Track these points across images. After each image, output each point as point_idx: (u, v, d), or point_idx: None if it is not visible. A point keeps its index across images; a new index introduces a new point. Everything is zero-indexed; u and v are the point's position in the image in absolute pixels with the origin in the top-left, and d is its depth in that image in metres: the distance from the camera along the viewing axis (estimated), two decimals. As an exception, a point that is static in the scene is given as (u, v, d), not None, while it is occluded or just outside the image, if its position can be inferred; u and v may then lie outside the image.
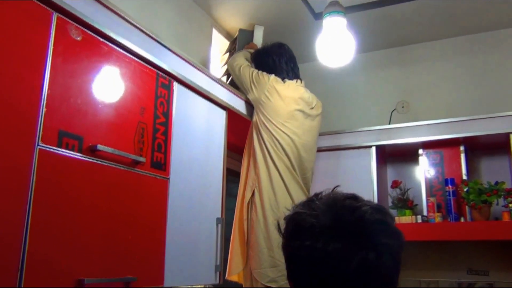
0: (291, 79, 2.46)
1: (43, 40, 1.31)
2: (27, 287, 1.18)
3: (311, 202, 0.91)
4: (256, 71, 2.44)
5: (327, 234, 0.83)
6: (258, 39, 2.92)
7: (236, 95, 2.34)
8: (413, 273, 2.92)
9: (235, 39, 2.92)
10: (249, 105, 2.44)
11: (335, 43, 2.58)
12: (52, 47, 1.33)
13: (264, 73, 2.41)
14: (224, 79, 2.99)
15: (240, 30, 2.93)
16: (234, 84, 2.59)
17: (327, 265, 0.82)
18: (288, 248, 0.90)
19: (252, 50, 2.67)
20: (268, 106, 2.31)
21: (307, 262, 0.85)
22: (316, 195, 0.94)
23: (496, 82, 3.01)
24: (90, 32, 1.48)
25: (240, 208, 2.29)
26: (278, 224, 1.00)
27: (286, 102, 2.34)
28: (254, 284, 2.12)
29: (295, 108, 2.36)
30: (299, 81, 2.49)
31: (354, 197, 0.90)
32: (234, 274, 2.20)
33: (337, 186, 1.01)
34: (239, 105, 2.35)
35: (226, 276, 2.18)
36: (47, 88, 1.30)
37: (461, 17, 2.95)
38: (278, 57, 2.48)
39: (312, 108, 2.47)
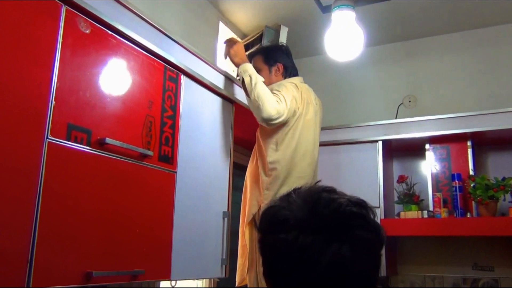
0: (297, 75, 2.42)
1: (52, 33, 1.31)
2: (36, 280, 1.19)
3: (288, 196, 0.87)
4: (287, 97, 2.14)
5: (300, 227, 0.80)
6: (283, 40, 2.93)
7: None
8: (418, 268, 2.93)
9: (261, 35, 2.93)
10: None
11: (344, 37, 2.56)
12: (61, 40, 1.33)
13: (290, 89, 2.19)
14: (234, 72, 2.99)
15: (266, 28, 2.95)
16: None
17: (300, 260, 0.78)
18: (263, 242, 0.87)
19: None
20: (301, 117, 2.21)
21: (281, 257, 0.81)
22: (295, 189, 0.89)
23: (504, 77, 2.99)
24: (98, 25, 1.48)
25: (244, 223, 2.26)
26: (254, 219, 0.94)
27: (308, 107, 2.25)
28: (260, 285, 2.10)
29: (313, 110, 2.29)
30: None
31: (331, 190, 0.86)
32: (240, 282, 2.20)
33: (319, 181, 0.98)
34: (246, 98, 2.33)
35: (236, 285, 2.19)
36: (56, 81, 1.30)
37: (469, 10, 2.92)
38: (289, 53, 2.46)
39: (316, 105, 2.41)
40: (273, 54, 2.40)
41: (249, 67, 2.15)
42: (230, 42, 2.25)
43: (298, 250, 0.78)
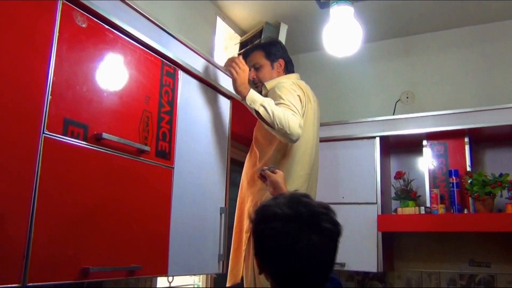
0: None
1: (48, 27, 1.30)
2: (32, 276, 1.18)
3: (276, 198, 1.24)
4: (292, 98, 2.09)
5: (285, 220, 1.13)
6: (282, 37, 2.92)
7: (241, 84, 2.31)
8: (415, 264, 2.93)
9: (260, 31, 2.92)
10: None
11: (342, 32, 2.55)
12: (57, 34, 1.31)
13: (291, 90, 2.14)
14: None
15: (266, 24, 2.94)
16: None
17: (283, 242, 1.12)
18: (257, 230, 1.20)
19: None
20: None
21: (270, 239, 1.15)
22: (281, 194, 1.28)
23: (502, 74, 2.99)
24: (95, 19, 1.46)
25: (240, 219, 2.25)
26: (249, 214, 1.31)
27: (308, 105, 2.21)
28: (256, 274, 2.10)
29: (312, 108, 2.25)
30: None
31: (307, 196, 1.22)
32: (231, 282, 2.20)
33: (296, 190, 1.40)
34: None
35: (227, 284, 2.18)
36: (52, 75, 1.29)
37: (467, 7, 2.92)
38: (286, 50, 2.44)
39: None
40: (275, 50, 2.38)
41: (256, 96, 2.01)
42: (234, 64, 2.06)
43: (281, 235, 1.12)
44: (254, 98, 2.00)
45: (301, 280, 1.13)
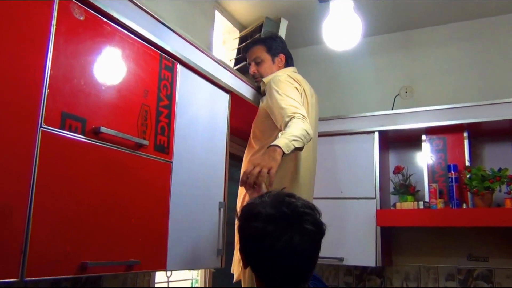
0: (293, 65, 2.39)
1: (45, 20, 1.28)
2: (30, 270, 1.18)
3: (261, 197, 1.24)
4: (289, 93, 2.08)
5: (267, 219, 1.14)
6: (282, 33, 2.91)
7: (240, 79, 2.30)
8: (413, 259, 2.94)
9: (261, 26, 2.91)
10: (253, 89, 2.41)
11: (342, 26, 2.54)
12: (54, 27, 1.30)
13: (287, 82, 2.13)
14: (232, 62, 2.97)
15: (267, 19, 2.93)
16: (242, 69, 2.56)
17: (264, 241, 1.13)
18: (241, 227, 1.24)
19: None
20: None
21: (252, 238, 1.18)
22: (266, 193, 1.28)
23: (501, 68, 2.98)
24: (93, 12, 1.45)
25: None
26: (236, 212, 1.31)
27: (305, 99, 2.20)
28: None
29: (309, 103, 2.24)
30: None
31: (292, 196, 1.22)
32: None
33: (284, 188, 1.38)
34: (242, 88, 2.31)
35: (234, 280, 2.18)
36: (49, 68, 1.27)
37: (466, 1, 2.90)
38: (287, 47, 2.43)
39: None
40: (276, 45, 2.37)
41: (282, 141, 1.77)
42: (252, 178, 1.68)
43: (262, 234, 1.14)
44: (283, 144, 1.76)
45: (281, 279, 1.15)
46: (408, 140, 3.01)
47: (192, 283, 2.73)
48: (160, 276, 2.31)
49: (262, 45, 2.36)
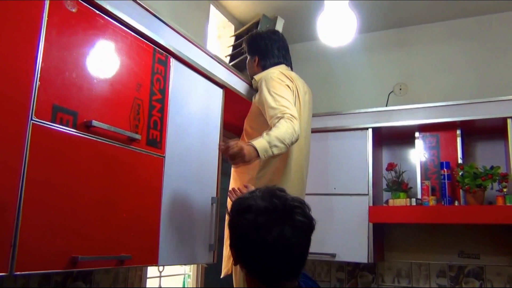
0: (286, 64, 2.35)
1: (37, 11, 1.27)
2: (19, 264, 1.17)
3: (253, 192, 1.24)
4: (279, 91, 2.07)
5: (259, 212, 1.14)
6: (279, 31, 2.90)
7: (234, 74, 2.30)
8: (405, 255, 2.95)
9: (257, 23, 2.90)
10: (247, 84, 2.41)
11: (337, 22, 2.53)
12: (46, 19, 1.28)
13: (279, 80, 2.12)
14: (227, 59, 2.96)
15: (264, 16, 2.92)
16: (237, 66, 2.56)
17: (255, 233, 1.13)
18: (232, 221, 1.23)
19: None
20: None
21: (243, 231, 1.17)
22: (257, 188, 1.27)
23: (495, 66, 2.99)
24: (85, 4, 1.43)
25: None
26: (227, 207, 1.34)
27: (297, 99, 2.21)
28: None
29: (302, 101, 2.24)
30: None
31: (282, 190, 1.23)
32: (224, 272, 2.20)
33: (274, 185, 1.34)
34: (236, 83, 2.31)
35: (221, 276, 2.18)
36: (41, 61, 1.26)
37: (462, -1, 2.91)
38: (270, 42, 2.34)
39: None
40: (252, 45, 2.39)
41: (260, 145, 1.81)
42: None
43: (254, 227, 1.13)
44: (262, 148, 1.80)
45: (272, 273, 1.15)
46: (401, 137, 3.02)
47: (185, 278, 2.73)
48: (152, 271, 2.30)
49: (245, 43, 2.44)
